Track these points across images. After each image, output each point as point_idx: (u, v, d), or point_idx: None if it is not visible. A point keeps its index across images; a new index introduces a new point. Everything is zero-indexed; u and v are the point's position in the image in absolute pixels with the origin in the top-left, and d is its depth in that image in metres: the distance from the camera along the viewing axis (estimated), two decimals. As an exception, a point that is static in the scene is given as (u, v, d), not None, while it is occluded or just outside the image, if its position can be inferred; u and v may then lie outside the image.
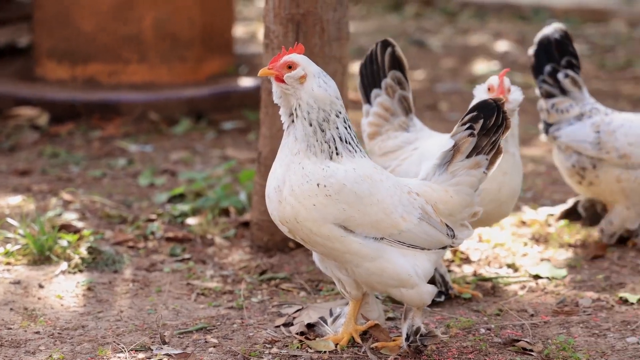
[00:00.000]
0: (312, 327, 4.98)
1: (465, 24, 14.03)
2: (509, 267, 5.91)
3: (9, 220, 6.09)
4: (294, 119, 4.57)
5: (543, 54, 6.11)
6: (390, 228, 4.56)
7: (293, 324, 5.07)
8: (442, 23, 14.23)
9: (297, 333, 4.96)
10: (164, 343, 4.90)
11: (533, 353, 4.83)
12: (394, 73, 5.61)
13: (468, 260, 5.99)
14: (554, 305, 5.40)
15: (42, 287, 5.52)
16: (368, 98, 5.67)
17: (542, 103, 6.13)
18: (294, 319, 5.11)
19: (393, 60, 5.61)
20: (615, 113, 6.06)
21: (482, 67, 11.30)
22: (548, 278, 5.74)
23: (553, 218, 6.55)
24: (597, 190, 6.04)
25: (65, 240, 5.91)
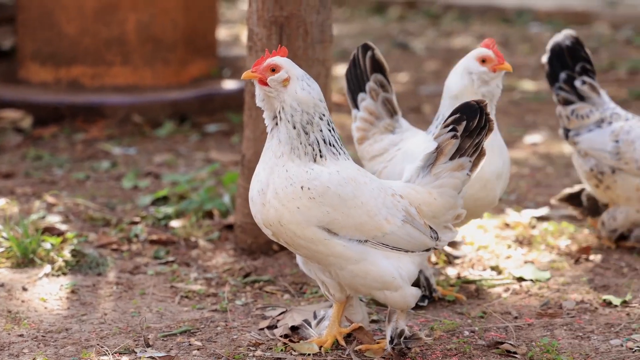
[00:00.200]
0: (296, 329, 4.97)
1: (449, 27, 14.05)
2: (493, 269, 5.91)
3: (-8, 223, 6.08)
4: (278, 122, 4.57)
5: (556, 61, 6.13)
6: (374, 230, 4.56)
7: (277, 327, 5.06)
8: (425, 25, 14.25)
9: (281, 336, 4.96)
10: (148, 346, 4.89)
11: (517, 355, 4.83)
12: (376, 76, 5.60)
13: (451, 263, 6.00)
14: (538, 308, 5.41)
15: (25, 290, 5.50)
16: (355, 103, 5.65)
17: (560, 110, 6.14)
18: (278, 322, 5.11)
19: (374, 64, 5.60)
20: (636, 118, 6.04)
21: (465, 69, 11.28)
22: (532, 280, 5.74)
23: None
24: (613, 195, 6.03)
25: (49, 243, 5.90)
